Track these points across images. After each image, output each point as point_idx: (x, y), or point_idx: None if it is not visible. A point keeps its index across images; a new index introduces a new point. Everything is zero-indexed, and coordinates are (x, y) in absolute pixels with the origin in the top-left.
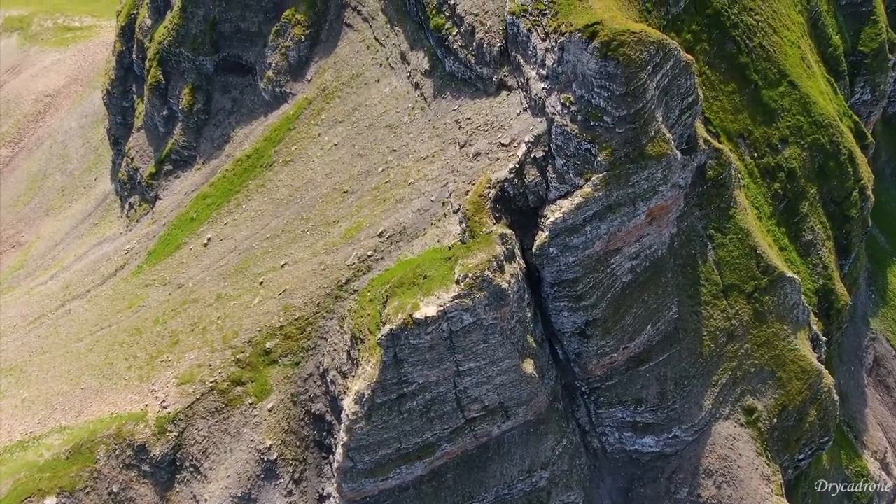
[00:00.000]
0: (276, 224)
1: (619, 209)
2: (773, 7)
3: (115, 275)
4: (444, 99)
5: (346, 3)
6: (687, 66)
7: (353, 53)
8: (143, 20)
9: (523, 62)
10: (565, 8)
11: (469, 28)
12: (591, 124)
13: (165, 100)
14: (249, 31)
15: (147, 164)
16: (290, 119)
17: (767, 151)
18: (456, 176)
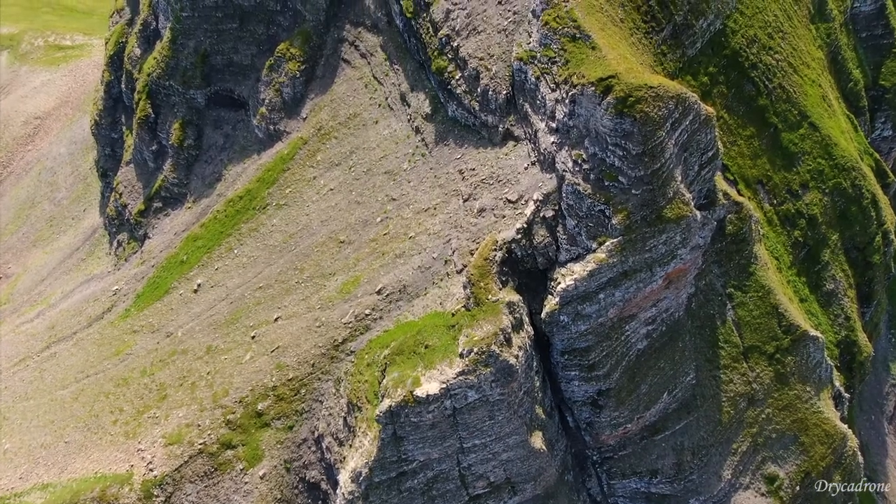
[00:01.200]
0: (269, 273)
1: (635, 275)
2: (792, 45)
3: (101, 317)
4: (447, 146)
5: (343, 37)
6: (707, 120)
7: (351, 91)
8: (133, 49)
9: (531, 112)
10: (577, 57)
11: (473, 72)
12: (605, 184)
13: (155, 134)
14: (242, 64)
15: (136, 201)
16: (285, 159)
17: (787, 198)
18: (459, 232)
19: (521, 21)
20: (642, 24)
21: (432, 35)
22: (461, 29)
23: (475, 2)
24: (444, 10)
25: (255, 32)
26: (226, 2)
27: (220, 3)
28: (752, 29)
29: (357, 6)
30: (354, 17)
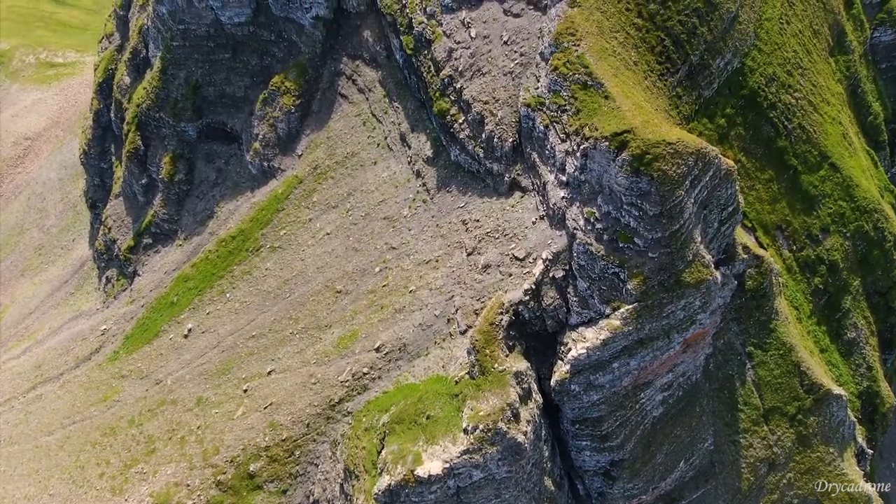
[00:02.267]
0: (262, 321)
1: (652, 343)
2: (812, 81)
3: (89, 358)
4: (449, 192)
5: (340, 71)
6: (728, 174)
7: (348, 129)
8: (122, 78)
9: (539, 162)
10: (588, 106)
11: (477, 117)
12: (620, 246)
13: (144, 167)
14: (235, 95)
15: (125, 236)
16: (279, 199)
17: (807, 243)
18: (463, 289)
19: (529, 63)
20: (657, 65)
21: (434, 74)
22: (465, 70)
23: (479, 41)
24: (446, 49)
25: (249, 63)
26: (217, 31)
27: (212, 32)
28: (770, 67)
29: (355, 39)
30: (352, 49)
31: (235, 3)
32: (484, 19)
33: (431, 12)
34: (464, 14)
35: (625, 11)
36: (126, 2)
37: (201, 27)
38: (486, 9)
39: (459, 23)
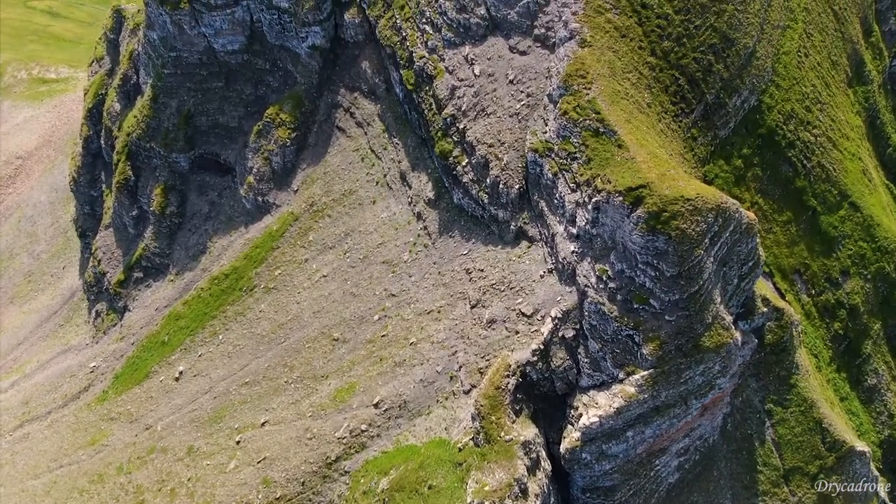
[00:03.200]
0: (256, 367)
1: (669, 410)
2: (831, 116)
3: (78, 397)
4: (452, 238)
5: (337, 102)
6: (749, 228)
7: (346, 164)
8: (112, 104)
9: (548, 211)
10: (600, 155)
11: (482, 160)
12: (635, 307)
13: (135, 198)
14: (228, 126)
15: (115, 269)
16: (274, 236)
17: (827, 287)
18: (466, 345)
19: (536, 105)
20: (671, 106)
21: (435, 113)
22: (468, 109)
23: (483, 79)
24: (448, 86)
25: (243, 93)
26: (210, 59)
27: (205, 60)
28: (788, 103)
29: (353, 69)
30: (350, 81)
31: (229, 30)
32: (488, 56)
33: (433, 46)
34: (467, 50)
35: (637, 50)
36: (117, 25)
37: (193, 55)
38: (491, 45)
39: (463, 59)
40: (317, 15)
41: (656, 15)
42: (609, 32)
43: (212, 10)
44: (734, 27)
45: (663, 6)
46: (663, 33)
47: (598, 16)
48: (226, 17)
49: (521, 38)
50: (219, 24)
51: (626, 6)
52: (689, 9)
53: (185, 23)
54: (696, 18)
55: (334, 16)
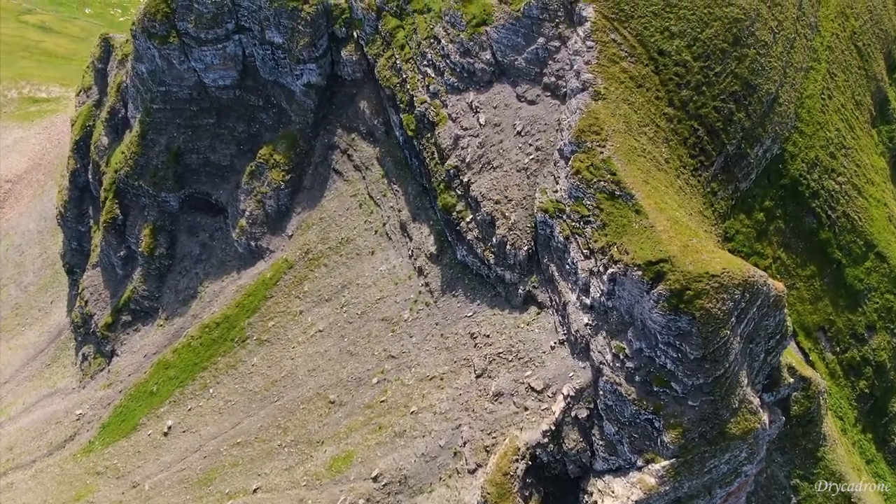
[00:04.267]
0: (248, 426)
1: (691, 502)
2: (856, 161)
3: (63, 446)
4: (455, 297)
5: (334, 143)
6: (777, 301)
7: (343, 210)
8: (100, 137)
9: (559, 277)
10: (616, 221)
11: (487, 217)
12: (655, 390)
13: (123, 238)
14: (220, 164)
15: (102, 311)
16: (268, 284)
17: (852, 343)
18: (472, 418)
19: (546, 160)
20: (689, 159)
21: (438, 163)
22: (472, 161)
23: (489, 129)
24: (451, 135)
25: (235, 130)
26: (201, 94)
27: (195, 95)
28: (812, 150)
29: (350, 109)
30: (347, 121)
31: (220, 65)
32: (494, 104)
33: (435, 91)
34: (471, 96)
35: (654, 101)
36: (105, 54)
37: (183, 90)
38: (497, 92)
39: (467, 106)
40: (312, 52)
41: (674, 62)
42: (624, 83)
43: (202, 44)
44: (756, 73)
45: (681, 53)
46: (681, 81)
47: (612, 65)
48: (216, 51)
49: (530, 86)
50: (209, 59)
51: (642, 53)
52: (708, 55)
53: (174, 57)
54: (716, 65)
55: (331, 52)
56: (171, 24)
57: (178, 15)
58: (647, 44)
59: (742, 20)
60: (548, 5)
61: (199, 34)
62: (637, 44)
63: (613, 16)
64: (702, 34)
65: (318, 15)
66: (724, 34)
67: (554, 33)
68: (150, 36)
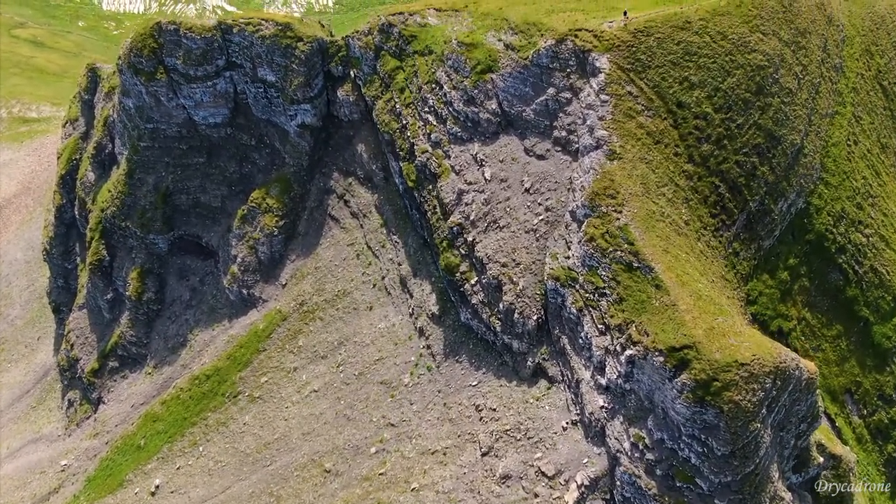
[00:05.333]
0: (239, 491)
1: None
2: (883, 210)
3: (48, 499)
4: (459, 363)
5: (330, 188)
6: (809, 384)
7: (340, 261)
8: (86, 173)
9: (571, 351)
10: (635, 296)
11: (493, 281)
12: (678, 485)
13: (110, 280)
14: (211, 205)
15: (89, 356)
16: (260, 336)
17: (879, 405)
18: (477, 501)
19: (557, 222)
20: (710, 219)
21: (440, 218)
22: (477, 219)
23: (495, 185)
24: (454, 190)
25: (226, 170)
26: (191, 132)
27: (184, 133)
28: (839, 202)
29: (347, 152)
30: (344, 164)
31: (211, 102)
32: (501, 157)
33: (437, 140)
34: (476, 148)
35: (673, 157)
36: (91, 85)
37: (172, 127)
38: (504, 144)
39: (471, 158)
40: (307, 92)
41: (694, 115)
42: (641, 140)
43: (191, 81)
44: (780, 123)
45: (702, 104)
46: (702, 135)
47: (628, 120)
48: (206, 89)
49: (539, 140)
50: (199, 96)
51: (660, 106)
52: (730, 106)
53: (161, 94)
54: (738, 116)
55: (326, 92)
56: (159, 59)
57: (165, 50)
58: (665, 96)
59: (766, 67)
60: (558, 54)
61: (188, 71)
62: (654, 96)
63: (629, 66)
64: (723, 83)
65: (313, 53)
66: (747, 83)
67: (565, 84)
68: (137, 72)
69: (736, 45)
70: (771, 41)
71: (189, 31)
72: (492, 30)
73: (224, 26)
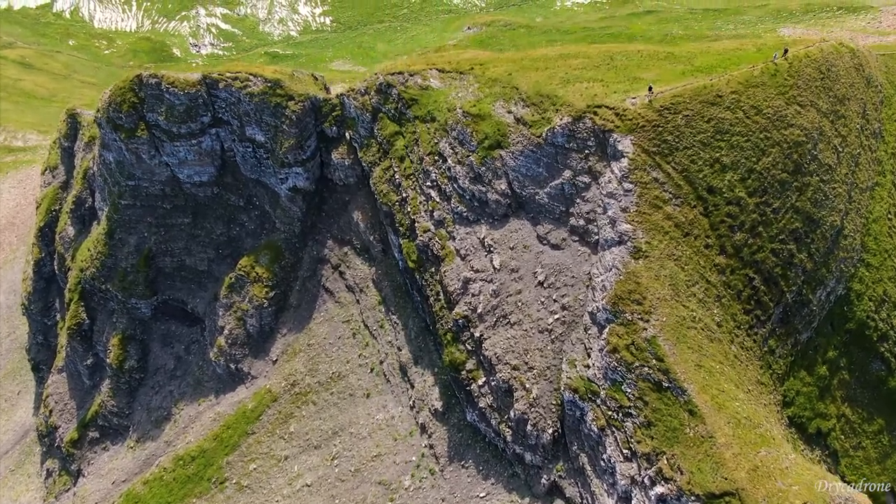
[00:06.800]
0: None
1: None
2: None
3: None
4: (465, 468)
5: (324, 257)
6: None
7: (334, 339)
8: (65, 227)
9: (591, 473)
10: (665, 421)
11: (503, 385)
12: None
13: (90, 344)
14: (197, 269)
15: (68, 424)
16: (249, 417)
17: None
18: None
19: (574, 323)
20: (744, 316)
21: (444, 306)
22: (485, 312)
23: (505, 275)
24: (459, 277)
25: (213, 232)
26: (175, 190)
27: (168, 191)
28: (880, 284)
29: (342, 219)
30: (339, 232)
31: (196, 160)
32: (511, 244)
33: (440, 219)
34: (483, 231)
35: (703, 250)
36: (71, 132)
37: (155, 185)
38: (515, 229)
39: (478, 242)
40: (298, 154)
41: (726, 200)
42: (669, 233)
43: (174, 139)
44: (819, 203)
45: (734, 188)
46: (735, 223)
47: (654, 211)
48: (191, 147)
49: (554, 227)
50: (183, 154)
51: (689, 193)
52: (765, 188)
53: (143, 151)
54: (773, 199)
55: (320, 154)
56: (140, 115)
57: (146, 105)
58: (694, 180)
59: (804, 143)
60: (575, 133)
61: (170, 128)
62: (683, 181)
63: (655, 149)
64: (758, 164)
65: (305, 113)
66: (784, 162)
67: (583, 166)
68: (116, 128)
69: (771, 121)
70: (809, 113)
71: (171, 86)
72: (500, 99)
73: (209, 81)
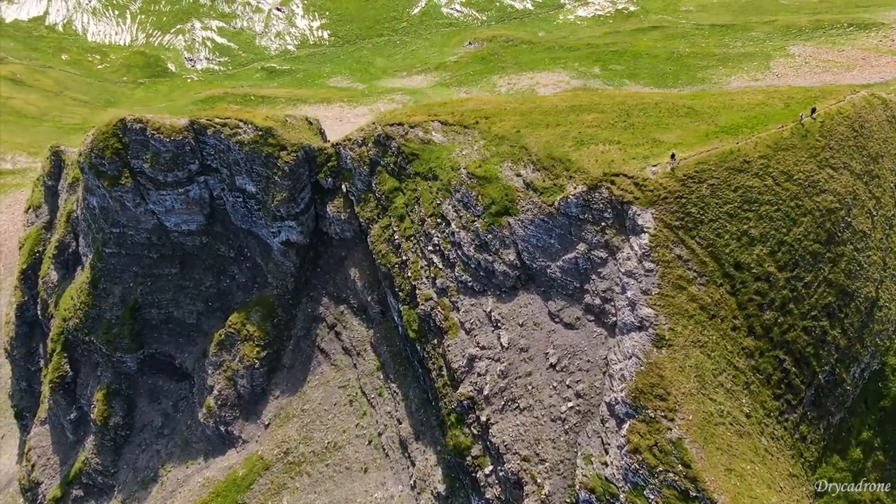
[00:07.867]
0: None
1: None
2: None
3: None
4: None
5: (319, 315)
6: None
7: (330, 405)
8: (48, 272)
9: None
10: None
11: (513, 477)
12: None
13: (74, 398)
14: (185, 322)
15: (51, 480)
16: (239, 486)
17: None
18: None
19: (590, 413)
20: (774, 402)
21: (447, 384)
22: (492, 395)
23: (514, 354)
24: (464, 354)
25: (202, 283)
26: (161, 239)
27: (154, 240)
28: None
29: (338, 275)
30: (335, 289)
31: (183, 209)
32: (520, 320)
33: (443, 287)
34: (490, 304)
35: (731, 333)
36: (55, 170)
37: (141, 233)
38: (524, 304)
39: (484, 315)
40: (291, 207)
41: (754, 277)
42: (694, 316)
43: (160, 187)
44: (853, 274)
45: (764, 263)
46: (764, 301)
47: (678, 293)
48: (178, 196)
49: (567, 304)
50: (170, 203)
51: (715, 270)
52: (796, 262)
53: (127, 199)
54: (805, 273)
55: (314, 206)
56: (124, 161)
57: (131, 152)
58: (720, 256)
59: (837, 210)
60: (590, 203)
61: (156, 176)
62: (708, 258)
63: (678, 223)
64: (788, 235)
65: (299, 164)
66: (816, 231)
67: (599, 240)
68: (99, 174)
69: (803, 187)
70: (842, 176)
71: (157, 132)
72: (508, 160)
73: (197, 126)
